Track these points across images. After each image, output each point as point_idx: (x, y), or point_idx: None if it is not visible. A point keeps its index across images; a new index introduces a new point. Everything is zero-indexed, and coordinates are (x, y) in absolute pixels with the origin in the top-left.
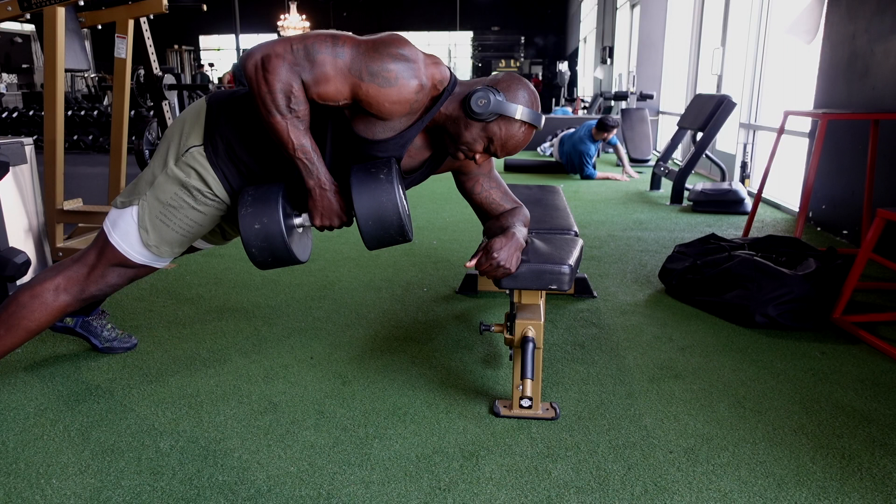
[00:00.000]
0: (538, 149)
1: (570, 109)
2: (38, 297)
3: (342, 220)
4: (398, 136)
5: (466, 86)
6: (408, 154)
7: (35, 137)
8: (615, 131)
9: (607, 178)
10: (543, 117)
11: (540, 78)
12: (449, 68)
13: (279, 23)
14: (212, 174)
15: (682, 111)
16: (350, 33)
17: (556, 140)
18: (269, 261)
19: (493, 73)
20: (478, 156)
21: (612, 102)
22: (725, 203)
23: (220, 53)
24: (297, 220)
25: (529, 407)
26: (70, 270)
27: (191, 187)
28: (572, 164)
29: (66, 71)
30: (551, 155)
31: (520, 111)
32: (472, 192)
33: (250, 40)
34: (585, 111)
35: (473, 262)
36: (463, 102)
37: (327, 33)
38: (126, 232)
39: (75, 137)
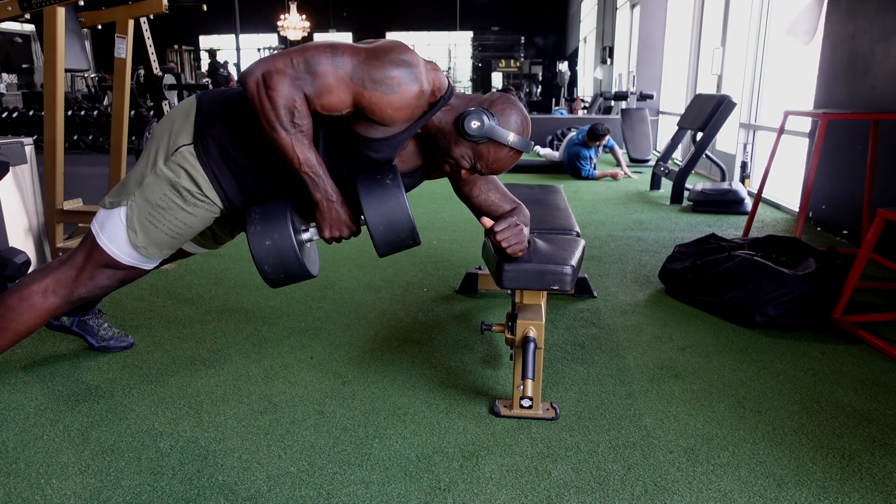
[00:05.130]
0: (535, 147)
1: (565, 110)
2: (27, 300)
3: (351, 230)
4: (391, 138)
5: (462, 100)
6: (400, 159)
7: (35, 137)
8: (607, 138)
9: (606, 176)
10: (533, 143)
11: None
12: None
13: (279, 23)
14: (202, 174)
15: (682, 111)
16: (349, 42)
17: (563, 141)
18: (281, 277)
19: (490, 91)
20: (462, 171)
21: (612, 102)
22: (725, 203)
23: (220, 53)
24: (306, 235)
25: (530, 407)
26: (58, 272)
27: (180, 187)
28: (571, 166)
29: (66, 71)
30: (545, 156)
31: (511, 138)
32: (471, 196)
33: (250, 40)
34: (585, 111)
35: (490, 222)
36: (456, 121)
37: (326, 43)
38: (114, 233)
39: (75, 137)
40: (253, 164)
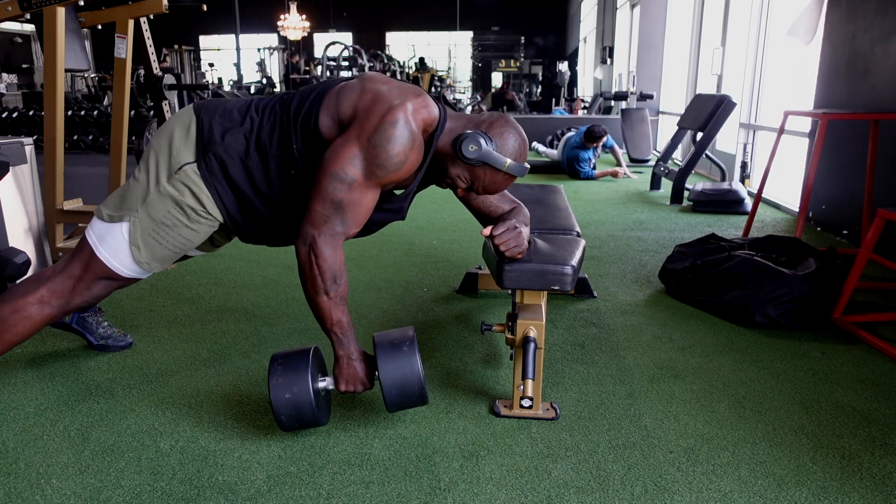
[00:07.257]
0: (533, 144)
1: (566, 110)
2: (21, 311)
3: (365, 387)
4: (403, 195)
5: (459, 121)
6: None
7: (35, 137)
8: (604, 139)
9: (606, 175)
10: (528, 167)
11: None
12: (437, 99)
13: (279, 23)
14: (206, 193)
15: (682, 111)
16: (343, 143)
17: (560, 141)
18: (295, 425)
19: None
20: (459, 190)
21: (612, 102)
22: (725, 203)
23: (220, 53)
24: (322, 384)
25: (530, 407)
26: (53, 283)
27: (185, 206)
28: (571, 167)
29: (66, 71)
30: (546, 154)
31: (507, 164)
32: (469, 198)
33: (250, 40)
34: (585, 111)
35: (489, 230)
36: (454, 143)
37: (328, 171)
38: (116, 248)
39: (75, 137)
40: (253, 189)
